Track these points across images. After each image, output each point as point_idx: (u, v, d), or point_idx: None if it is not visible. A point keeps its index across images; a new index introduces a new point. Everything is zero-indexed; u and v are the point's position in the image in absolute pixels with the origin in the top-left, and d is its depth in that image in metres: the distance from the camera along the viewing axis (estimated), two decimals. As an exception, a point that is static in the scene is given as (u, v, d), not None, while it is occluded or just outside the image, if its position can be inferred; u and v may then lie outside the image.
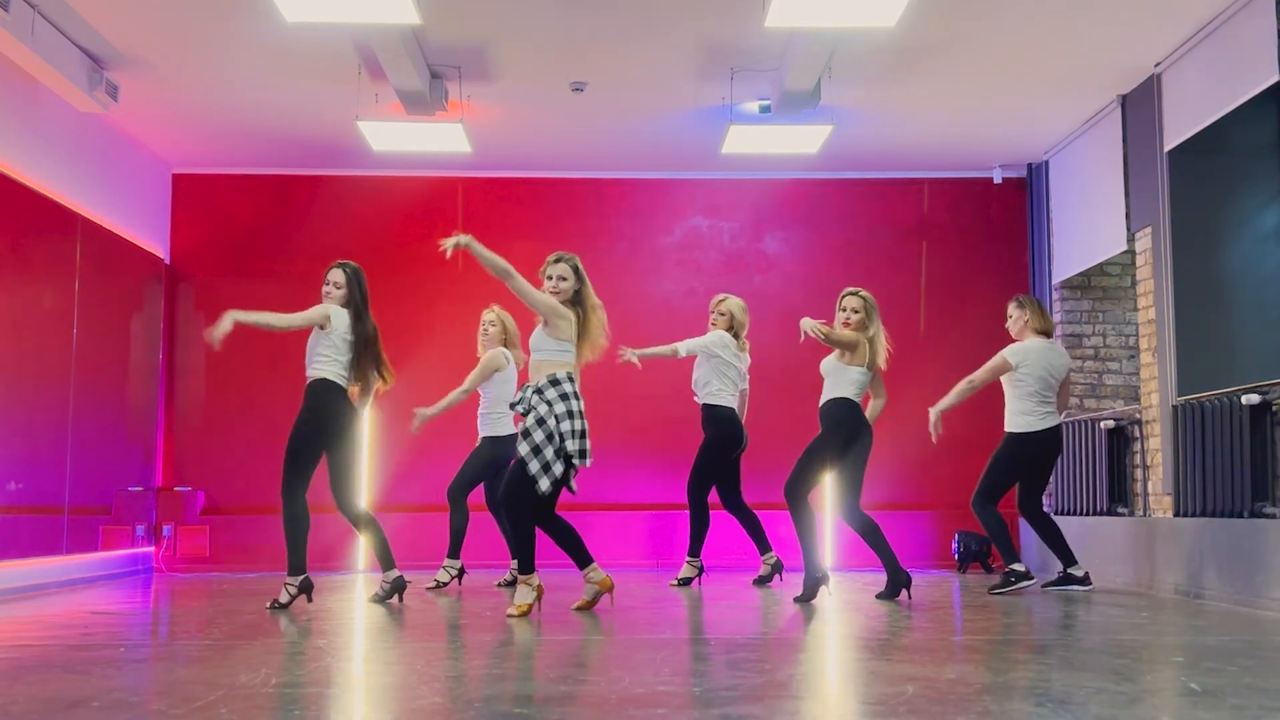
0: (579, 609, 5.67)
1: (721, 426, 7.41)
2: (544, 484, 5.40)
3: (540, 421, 5.42)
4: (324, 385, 6.00)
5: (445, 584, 7.37)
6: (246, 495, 9.39)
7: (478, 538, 8.17)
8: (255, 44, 7.17)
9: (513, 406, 5.70)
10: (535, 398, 5.46)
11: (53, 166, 7.73)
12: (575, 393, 5.53)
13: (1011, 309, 7.18)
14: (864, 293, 6.44)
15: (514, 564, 7.37)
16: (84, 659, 4.15)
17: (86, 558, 8.18)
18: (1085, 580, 6.93)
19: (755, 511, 7.63)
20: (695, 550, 7.47)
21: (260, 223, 9.80)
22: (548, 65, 7.59)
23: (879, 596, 6.41)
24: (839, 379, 6.39)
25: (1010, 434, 6.99)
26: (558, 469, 5.44)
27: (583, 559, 5.67)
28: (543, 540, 5.66)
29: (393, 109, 8.01)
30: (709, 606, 6.21)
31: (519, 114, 8.51)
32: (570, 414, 5.45)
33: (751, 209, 9.94)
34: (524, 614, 5.48)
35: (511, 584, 7.25)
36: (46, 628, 5.29)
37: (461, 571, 7.47)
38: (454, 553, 7.37)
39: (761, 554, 7.60)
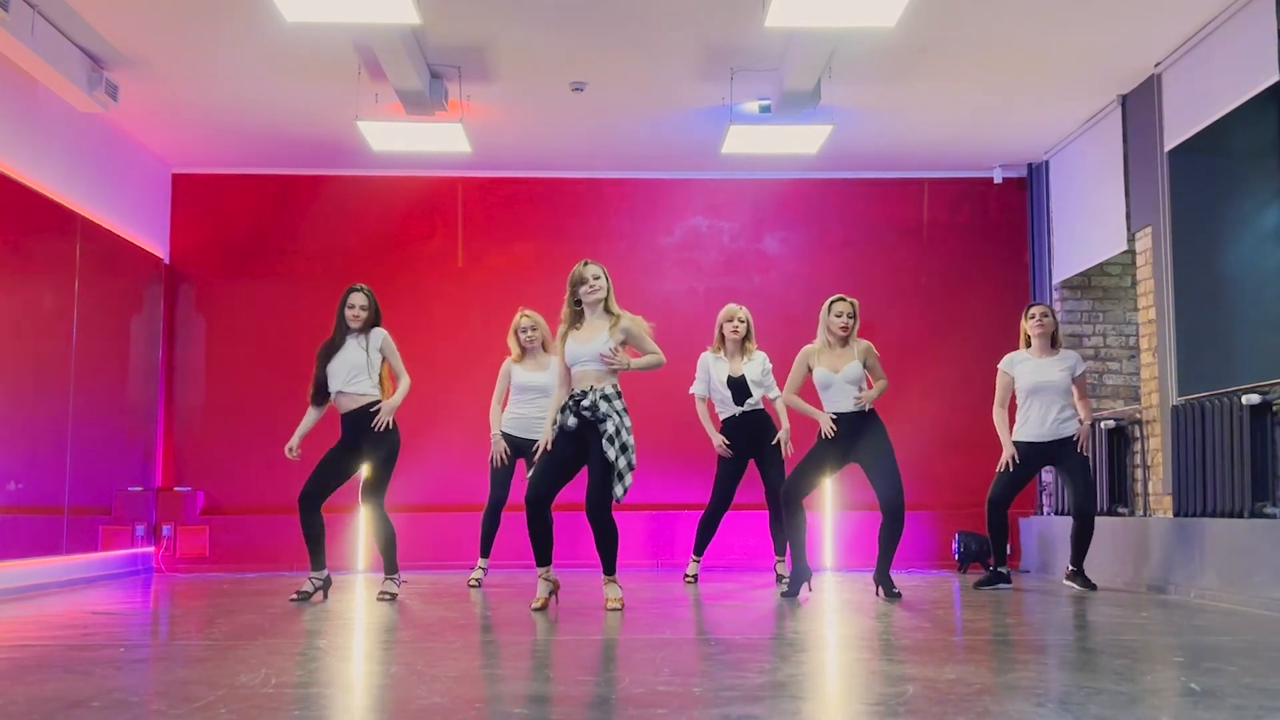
0: (539, 609, 5.73)
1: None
2: (621, 489, 5.45)
3: (619, 431, 5.49)
4: None
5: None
6: (246, 495, 9.39)
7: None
8: (255, 44, 7.17)
9: (576, 410, 5.56)
10: (605, 405, 5.50)
11: (52, 166, 7.72)
12: None
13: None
14: (851, 299, 6.57)
15: (483, 562, 7.45)
16: (84, 659, 4.14)
17: (86, 558, 8.18)
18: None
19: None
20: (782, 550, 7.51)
21: (260, 223, 9.80)
22: (548, 65, 7.59)
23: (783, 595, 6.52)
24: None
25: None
26: (629, 479, 5.51)
27: (547, 558, 5.78)
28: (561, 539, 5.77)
29: (393, 109, 8.00)
30: (709, 606, 6.21)
31: (519, 114, 8.51)
32: (629, 429, 5.58)
33: (751, 209, 9.94)
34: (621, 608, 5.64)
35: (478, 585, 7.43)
36: (46, 628, 5.29)
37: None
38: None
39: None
